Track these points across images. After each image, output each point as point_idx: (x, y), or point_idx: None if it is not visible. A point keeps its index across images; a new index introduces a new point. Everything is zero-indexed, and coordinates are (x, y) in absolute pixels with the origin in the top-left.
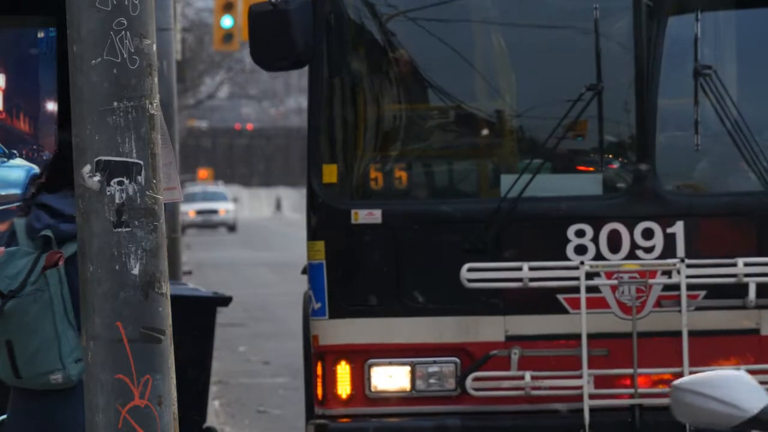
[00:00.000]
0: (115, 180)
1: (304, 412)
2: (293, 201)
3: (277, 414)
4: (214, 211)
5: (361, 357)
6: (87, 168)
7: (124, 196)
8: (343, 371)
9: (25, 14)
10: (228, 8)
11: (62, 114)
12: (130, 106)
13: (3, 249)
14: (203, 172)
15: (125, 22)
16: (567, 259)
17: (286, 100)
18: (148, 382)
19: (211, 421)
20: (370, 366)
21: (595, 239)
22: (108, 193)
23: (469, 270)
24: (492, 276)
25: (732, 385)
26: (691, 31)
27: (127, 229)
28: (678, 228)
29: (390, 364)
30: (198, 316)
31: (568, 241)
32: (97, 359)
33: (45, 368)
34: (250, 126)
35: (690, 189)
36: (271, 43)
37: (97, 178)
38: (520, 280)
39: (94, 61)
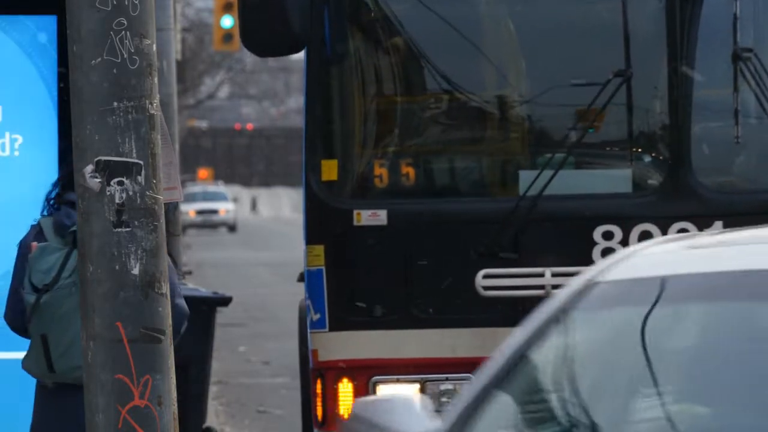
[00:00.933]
0: (115, 180)
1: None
2: (293, 201)
3: (278, 414)
4: (214, 211)
5: (365, 373)
6: (87, 168)
7: (124, 196)
8: (345, 389)
9: (24, 14)
10: (228, 8)
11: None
12: (130, 106)
13: (35, 244)
14: (203, 172)
15: (125, 22)
16: (593, 263)
17: (287, 100)
18: (148, 382)
19: (211, 421)
20: (375, 384)
21: (624, 242)
22: (108, 193)
23: (485, 276)
24: (510, 283)
25: (397, 409)
26: (729, 10)
27: (127, 229)
28: (717, 229)
29: (397, 381)
30: (198, 316)
31: (594, 243)
32: (97, 359)
33: (79, 361)
34: (250, 126)
35: (729, 185)
36: (264, 24)
37: (97, 178)
38: (541, 287)
39: (94, 61)
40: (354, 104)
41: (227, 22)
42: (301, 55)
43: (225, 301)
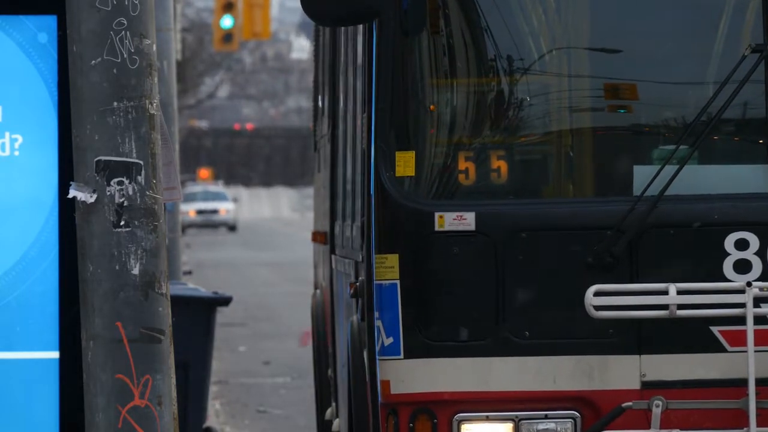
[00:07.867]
0: (115, 180)
1: (304, 412)
2: (293, 201)
3: (277, 414)
4: (215, 211)
5: (448, 410)
6: (87, 168)
7: (124, 196)
8: (424, 429)
9: (24, 14)
10: (228, 8)
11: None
12: (130, 106)
13: None
14: (204, 172)
15: (125, 22)
16: (725, 278)
17: (286, 100)
18: (148, 382)
19: (211, 421)
20: (460, 422)
21: (762, 252)
22: (108, 193)
23: (597, 294)
24: (627, 302)
25: None
26: None
27: (127, 229)
28: None
29: (487, 419)
30: (198, 316)
31: (726, 254)
32: (97, 359)
33: None
34: (250, 126)
35: None
36: None
37: (97, 178)
38: (665, 307)
39: (94, 61)
40: (436, 86)
41: (227, 22)
42: (301, 54)
43: (225, 301)
